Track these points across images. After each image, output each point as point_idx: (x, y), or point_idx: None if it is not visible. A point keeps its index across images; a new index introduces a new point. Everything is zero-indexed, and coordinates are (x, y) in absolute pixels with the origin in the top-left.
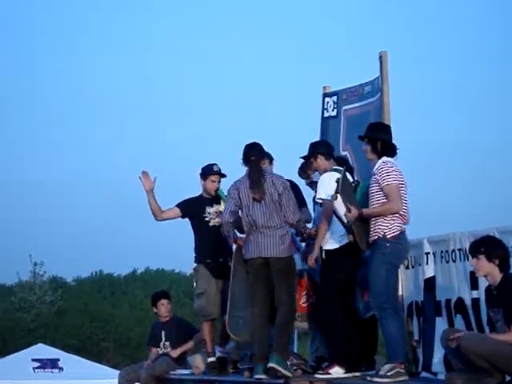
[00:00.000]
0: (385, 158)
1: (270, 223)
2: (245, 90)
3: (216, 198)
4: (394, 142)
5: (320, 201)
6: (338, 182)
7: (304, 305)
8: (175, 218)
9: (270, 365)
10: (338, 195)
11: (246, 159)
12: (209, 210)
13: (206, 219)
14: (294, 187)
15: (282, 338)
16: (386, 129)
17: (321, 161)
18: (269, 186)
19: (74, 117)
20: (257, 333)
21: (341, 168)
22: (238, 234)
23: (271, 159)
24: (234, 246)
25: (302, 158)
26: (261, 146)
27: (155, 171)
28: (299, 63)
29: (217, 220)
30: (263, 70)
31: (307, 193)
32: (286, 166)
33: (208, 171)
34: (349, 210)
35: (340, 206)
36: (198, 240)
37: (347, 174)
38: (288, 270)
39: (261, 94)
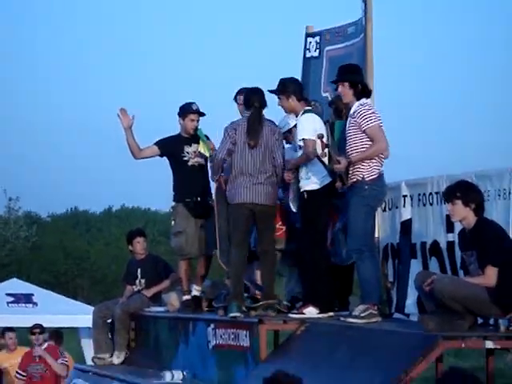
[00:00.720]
0: (362, 100)
1: (261, 170)
2: (228, 28)
3: (194, 138)
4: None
5: (301, 143)
6: (321, 137)
7: (277, 233)
8: (153, 156)
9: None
10: (327, 150)
11: (249, 104)
12: (187, 149)
13: (185, 158)
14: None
15: (271, 282)
16: (360, 70)
17: (293, 101)
18: (266, 133)
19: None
20: (234, 273)
21: (310, 108)
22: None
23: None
24: (215, 185)
25: (270, 91)
26: (264, 94)
27: (134, 108)
28: (283, 2)
29: (195, 160)
30: (246, 9)
31: None
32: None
33: (187, 110)
34: (338, 162)
35: (319, 146)
36: (177, 179)
37: (318, 116)
38: (273, 218)
39: (243, 33)
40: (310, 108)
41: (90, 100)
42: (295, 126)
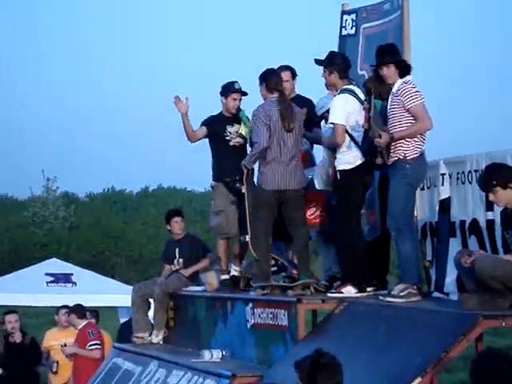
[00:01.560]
0: (405, 78)
1: (294, 154)
2: (265, 7)
3: (236, 118)
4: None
5: (332, 125)
6: (369, 108)
7: (311, 216)
8: (204, 137)
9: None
10: (370, 122)
11: (271, 86)
12: (230, 129)
13: (227, 138)
14: (313, 106)
15: (307, 259)
16: (398, 49)
17: (335, 77)
18: (296, 117)
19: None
20: (261, 256)
21: (350, 87)
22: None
23: (295, 74)
24: (245, 171)
25: (316, 61)
26: (281, 78)
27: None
28: None
29: (236, 140)
30: None
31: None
32: (304, 83)
33: (229, 89)
34: (379, 136)
35: (354, 127)
36: (218, 158)
37: (360, 92)
38: (303, 199)
39: (279, 12)
40: (347, 87)
41: (126, 77)
42: None
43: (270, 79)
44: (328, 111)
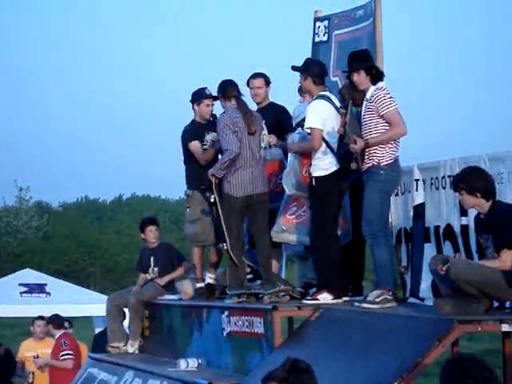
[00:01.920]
0: (379, 85)
1: (257, 158)
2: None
3: (211, 124)
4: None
5: (309, 130)
6: (345, 113)
7: (291, 217)
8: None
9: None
10: (346, 127)
11: (227, 95)
12: (206, 136)
13: (205, 146)
14: (285, 112)
15: (270, 268)
16: (370, 54)
17: (310, 84)
18: (257, 122)
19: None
20: (236, 264)
21: (326, 94)
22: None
23: (268, 82)
24: (214, 180)
25: (295, 68)
26: (237, 85)
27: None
28: None
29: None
30: None
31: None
32: (277, 90)
33: (200, 95)
34: (354, 142)
35: (330, 133)
36: (193, 166)
37: (335, 98)
38: (266, 203)
39: (252, 19)
40: (323, 93)
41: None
42: None
43: (225, 88)
44: (304, 119)
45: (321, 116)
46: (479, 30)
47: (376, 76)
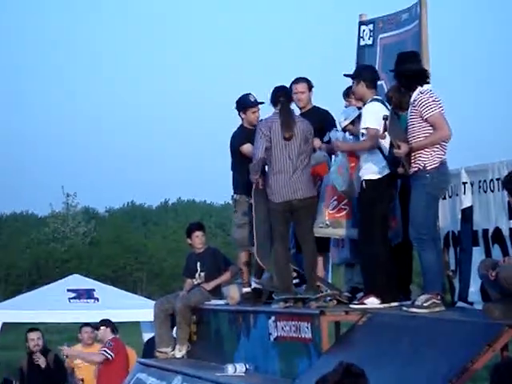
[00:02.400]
0: (421, 88)
1: (298, 164)
2: (283, 19)
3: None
4: (424, 68)
5: (364, 130)
6: (385, 119)
7: (333, 211)
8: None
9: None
10: (386, 133)
11: (275, 100)
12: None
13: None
14: (328, 116)
15: (313, 275)
16: (416, 57)
17: (362, 88)
18: (300, 126)
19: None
20: (278, 268)
21: (379, 97)
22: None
23: (311, 86)
24: (253, 185)
25: (345, 75)
26: (289, 90)
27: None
28: None
29: None
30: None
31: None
32: (322, 94)
33: (246, 103)
34: (398, 147)
35: (381, 128)
36: (241, 171)
37: (387, 104)
38: (313, 210)
39: (298, 23)
40: (377, 97)
41: (144, 95)
42: (358, 116)
43: (273, 94)
44: (352, 123)
45: (378, 117)
46: None
47: (422, 78)
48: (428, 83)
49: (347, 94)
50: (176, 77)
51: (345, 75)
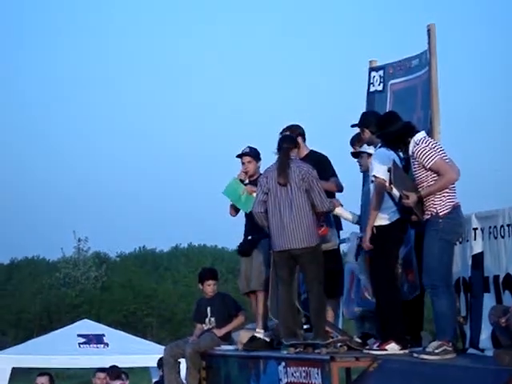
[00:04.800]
0: (415, 138)
1: (295, 211)
2: (291, 64)
3: (254, 182)
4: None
5: (373, 178)
6: (389, 171)
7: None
8: None
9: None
10: (393, 186)
11: (279, 148)
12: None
13: None
14: (324, 159)
15: (319, 322)
16: (394, 117)
17: (367, 134)
18: (294, 173)
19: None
20: (283, 314)
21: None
22: None
23: (300, 134)
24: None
25: (353, 126)
26: (293, 137)
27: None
28: (346, 37)
29: None
30: (309, 45)
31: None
32: (330, 139)
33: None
34: (406, 197)
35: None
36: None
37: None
38: (316, 256)
39: (307, 69)
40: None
41: (155, 141)
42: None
43: (278, 142)
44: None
45: (383, 164)
46: None
47: (411, 131)
48: (418, 132)
49: (354, 141)
50: (192, 123)
51: (352, 126)
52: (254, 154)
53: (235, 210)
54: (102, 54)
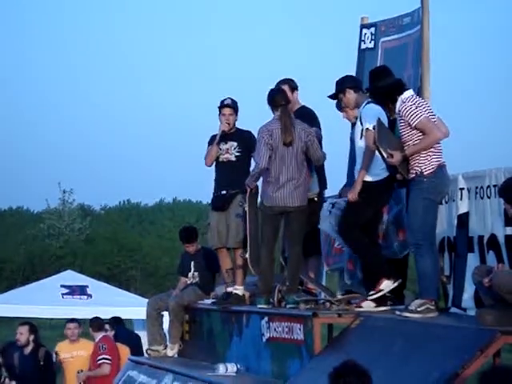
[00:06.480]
0: (403, 96)
1: (295, 171)
2: (283, 19)
3: (234, 134)
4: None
5: (364, 132)
6: (374, 128)
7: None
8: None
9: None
10: (377, 144)
11: (274, 103)
12: (222, 145)
13: (218, 154)
14: (313, 115)
15: (296, 278)
16: (386, 71)
17: (350, 95)
18: (299, 134)
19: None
20: (263, 270)
21: (371, 100)
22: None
23: (293, 87)
24: (248, 190)
25: (329, 97)
26: (286, 93)
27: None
28: None
29: (225, 156)
30: (301, 1)
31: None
32: (323, 97)
33: (220, 104)
34: (391, 156)
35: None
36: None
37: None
38: (305, 215)
39: (298, 25)
40: (371, 100)
41: (141, 96)
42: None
43: (273, 98)
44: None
45: (375, 119)
46: None
47: (394, 92)
48: (407, 90)
49: (341, 106)
50: (176, 78)
51: (329, 96)
52: (235, 106)
53: (210, 160)
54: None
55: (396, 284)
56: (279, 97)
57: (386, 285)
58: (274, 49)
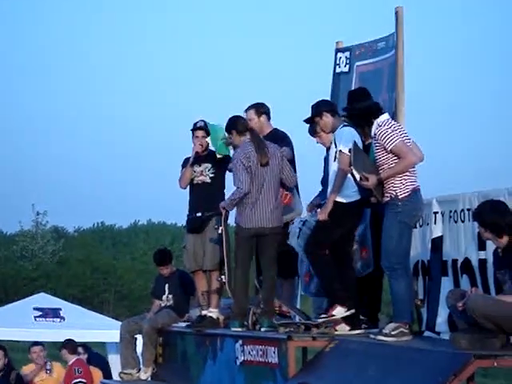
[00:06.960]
0: (379, 120)
1: (272, 192)
2: (258, 45)
3: (207, 156)
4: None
5: (338, 154)
6: (349, 152)
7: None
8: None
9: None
10: (352, 167)
11: (243, 129)
12: (196, 168)
13: (193, 177)
14: (286, 137)
15: (270, 302)
16: (365, 94)
17: (327, 118)
18: (274, 154)
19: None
20: (237, 293)
21: (347, 124)
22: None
23: (260, 112)
24: (224, 213)
25: (305, 121)
26: (243, 118)
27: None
28: (313, 18)
29: (200, 178)
30: (276, 25)
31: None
32: (297, 120)
33: (193, 127)
34: (366, 179)
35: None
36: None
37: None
38: (280, 237)
39: (273, 50)
40: (347, 123)
41: (117, 117)
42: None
43: (236, 124)
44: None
45: (350, 142)
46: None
47: (370, 115)
48: (383, 114)
49: (314, 131)
50: (152, 101)
51: (305, 120)
52: (207, 128)
53: (185, 182)
54: None
55: (348, 313)
56: (242, 122)
57: (339, 311)
58: (246, 72)
